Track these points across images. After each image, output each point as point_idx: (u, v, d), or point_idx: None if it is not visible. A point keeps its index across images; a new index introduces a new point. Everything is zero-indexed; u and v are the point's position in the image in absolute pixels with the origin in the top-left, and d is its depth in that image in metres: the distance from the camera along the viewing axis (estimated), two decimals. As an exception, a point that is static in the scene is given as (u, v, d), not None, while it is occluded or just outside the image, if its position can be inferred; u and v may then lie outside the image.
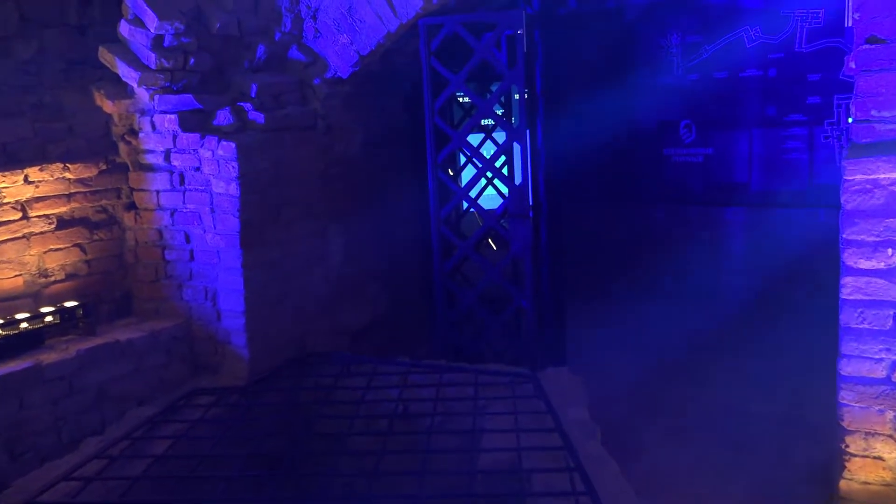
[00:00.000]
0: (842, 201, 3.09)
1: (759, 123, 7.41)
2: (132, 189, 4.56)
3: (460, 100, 6.09)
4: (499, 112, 5.75)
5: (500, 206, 4.92)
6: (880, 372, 3.12)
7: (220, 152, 4.24)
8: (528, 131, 4.72)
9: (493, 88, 5.54)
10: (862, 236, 3.06)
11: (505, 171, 5.79)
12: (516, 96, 6.45)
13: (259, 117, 4.44)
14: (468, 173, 5.63)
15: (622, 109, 7.83)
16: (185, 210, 4.42)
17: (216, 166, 4.27)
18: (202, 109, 4.33)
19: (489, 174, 5.43)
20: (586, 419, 3.73)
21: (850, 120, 6.71)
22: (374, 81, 5.14)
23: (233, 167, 4.20)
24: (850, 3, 4.28)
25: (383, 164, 5.53)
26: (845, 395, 3.21)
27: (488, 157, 5.02)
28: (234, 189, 4.22)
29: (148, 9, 4.04)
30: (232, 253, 4.28)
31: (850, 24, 5.85)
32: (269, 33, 4.66)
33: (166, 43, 4.17)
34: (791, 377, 5.39)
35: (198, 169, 4.34)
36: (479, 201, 5.20)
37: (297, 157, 4.68)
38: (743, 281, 7.44)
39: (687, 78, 7.68)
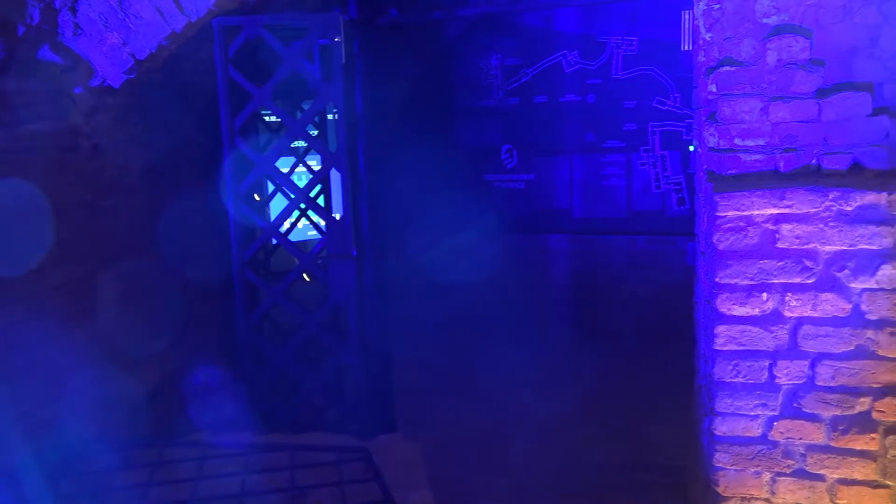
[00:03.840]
0: (713, 241, 2.73)
1: (578, 149, 7.30)
2: None
3: (267, 118, 5.27)
4: (313, 133, 5.03)
5: (318, 244, 4.18)
6: (756, 430, 2.79)
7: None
8: (348, 156, 4.04)
9: (306, 106, 4.81)
10: (735, 280, 2.71)
11: (321, 201, 5.05)
12: (331, 116, 5.77)
13: (-8, 135, 3.36)
14: (277, 204, 4.84)
15: (442, 132, 7.44)
16: None
17: (-74, 200, 3.14)
18: None
19: (303, 206, 4.67)
20: (431, 504, 3.10)
21: (691, 148, 6.73)
22: (159, 93, 4.20)
23: (-50, 202, 3.10)
24: (690, 27, 4.03)
25: (171, 195, 4.57)
26: (720, 458, 2.85)
27: (301, 185, 4.28)
28: (-48, 231, 3.12)
29: None
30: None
31: (688, 48, 5.78)
32: (8, 27, 3.58)
33: None
34: (630, 415, 5.13)
35: None
36: (290, 237, 4.42)
37: (50, 187, 3.63)
38: (568, 310, 7.29)
39: (507, 101, 7.43)
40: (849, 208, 2.59)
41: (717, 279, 2.73)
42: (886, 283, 2.58)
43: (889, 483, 2.67)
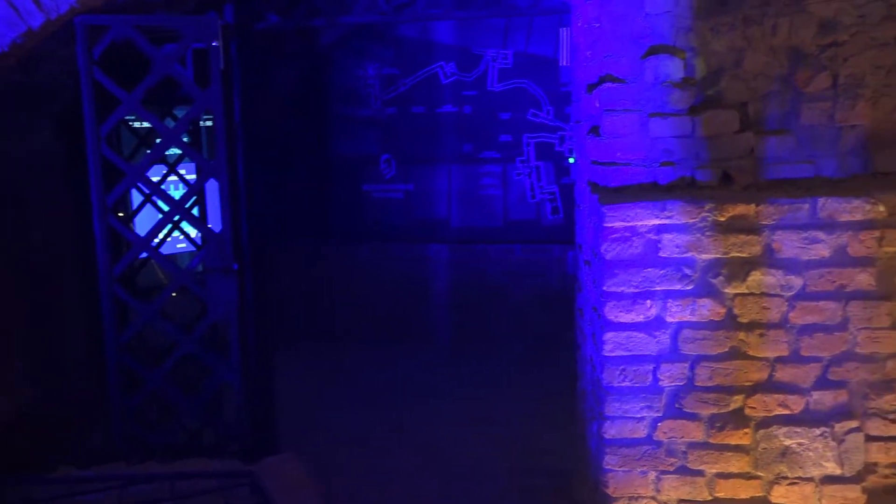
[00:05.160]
0: (601, 251, 2.83)
1: (456, 160, 7.40)
2: None
3: (134, 125, 4.95)
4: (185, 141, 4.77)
5: (195, 258, 3.96)
6: (642, 431, 2.92)
7: None
8: (227, 166, 3.86)
9: (179, 113, 4.56)
10: (622, 288, 2.82)
11: (196, 212, 4.80)
12: (206, 123, 5.52)
13: None
14: (145, 216, 4.55)
15: (321, 142, 7.33)
16: None
17: None
18: None
19: (177, 217, 4.42)
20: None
21: (571, 160, 6.96)
22: (14, 96, 3.84)
23: None
24: (569, 43, 4.20)
25: (26, 205, 4.18)
26: (610, 460, 2.95)
27: (174, 195, 4.04)
28: None
29: None
30: None
31: (566, 63, 5.98)
32: None
33: None
34: (514, 421, 5.23)
35: None
36: (162, 250, 4.17)
37: None
38: (449, 319, 7.35)
39: (385, 111, 7.41)
40: (722, 219, 2.76)
41: (604, 287, 2.83)
42: (756, 288, 2.78)
43: (760, 474, 2.87)
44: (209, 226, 4.37)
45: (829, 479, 2.84)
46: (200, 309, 4.75)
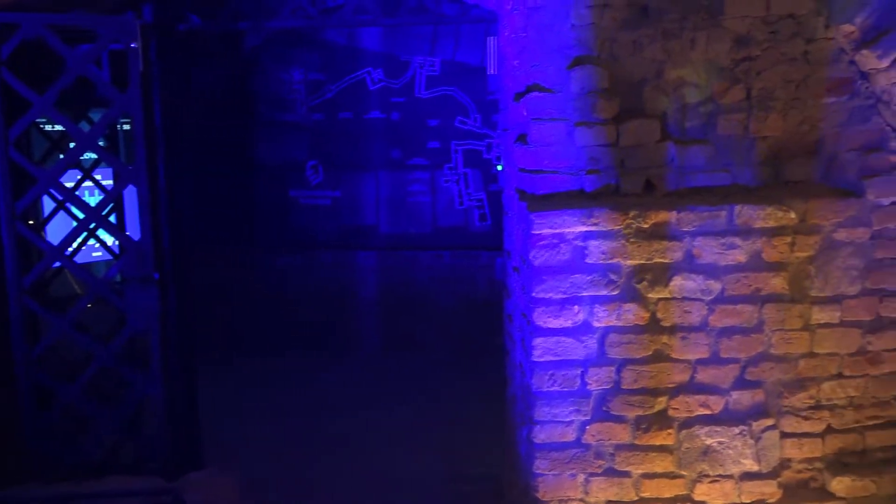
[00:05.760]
0: (529, 258, 2.86)
1: (384, 166, 7.37)
2: None
3: (46, 129, 4.73)
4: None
5: (113, 267, 3.81)
6: (571, 435, 2.96)
7: None
8: (147, 171, 3.73)
9: (95, 116, 4.38)
10: (550, 294, 2.86)
11: (114, 220, 4.61)
12: (124, 127, 5.32)
13: None
14: (58, 224, 4.35)
15: (246, 147, 7.18)
16: None
17: None
18: None
19: (93, 225, 4.23)
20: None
21: (499, 167, 7.02)
22: None
23: None
24: (496, 52, 4.25)
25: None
26: (540, 465, 2.98)
27: (90, 202, 3.88)
28: None
29: None
30: None
31: (493, 72, 6.04)
32: None
33: None
34: (444, 427, 5.23)
35: None
36: (77, 259, 3.99)
37: None
38: (378, 326, 7.31)
39: (312, 117, 7.32)
40: (645, 226, 2.83)
41: (533, 294, 2.87)
42: (677, 292, 2.86)
43: (684, 473, 2.95)
44: (128, 234, 4.21)
45: (748, 476, 2.95)
46: (119, 320, 4.57)
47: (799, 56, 2.87)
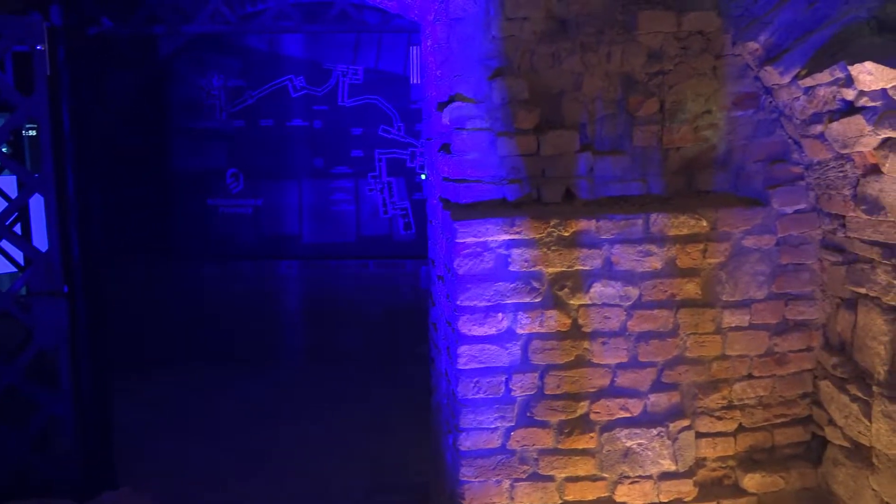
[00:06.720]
0: (454, 266, 2.88)
1: (307, 174, 7.29)
2: None
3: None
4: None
5: (19, 280, 3.61)
6: (496, 441, 2.98)
7: None
8: (55, 180, 3.56)
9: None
10: (475, 302, 2.88)
11: (19, 230, 4.38)
12: (30, 133, 5.07)
13: None
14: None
15: (163, 154, 6.96)
16: None
17: None
18: None
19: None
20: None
21: (423, 176, 7.03)
22: None
23: None
24: (419, 61, 4.27)
25: None
26: (466, 472, 2.99)
27: (-7, 212, 3.67)
28: None
29: None
30: None
31: (416, 81, 6.06)
32: None
33: None
34: (370, 437, 5.19)
35: None
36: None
37: None
38: (302, 337, 7.20)
39: (232, 124, 7.17)
40: (566, 234, 2.89)
41: (458, 302, 2.88)
42: (597, 298, 2.93)
43: (605, 475, 3.02)
44: (34, 245, 4.01)
45: (666, 476, 3.04)
46: (25, 336, 4.34)
47: (708, 71, 2.99)
